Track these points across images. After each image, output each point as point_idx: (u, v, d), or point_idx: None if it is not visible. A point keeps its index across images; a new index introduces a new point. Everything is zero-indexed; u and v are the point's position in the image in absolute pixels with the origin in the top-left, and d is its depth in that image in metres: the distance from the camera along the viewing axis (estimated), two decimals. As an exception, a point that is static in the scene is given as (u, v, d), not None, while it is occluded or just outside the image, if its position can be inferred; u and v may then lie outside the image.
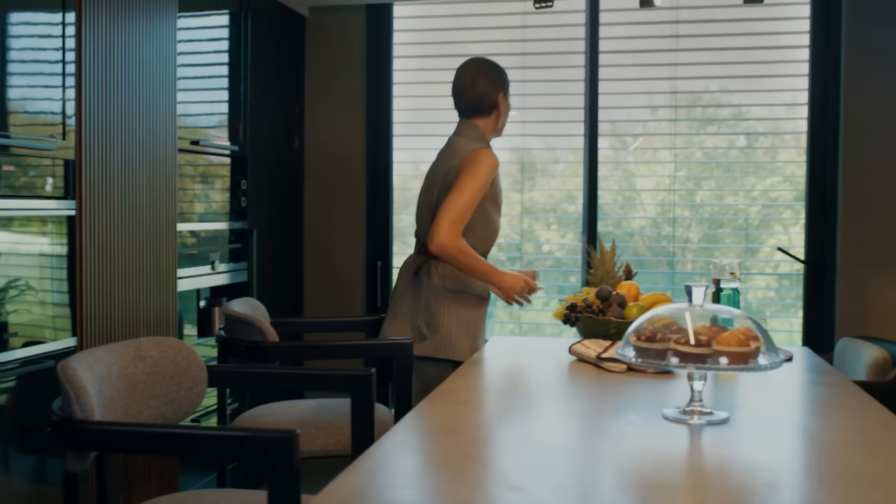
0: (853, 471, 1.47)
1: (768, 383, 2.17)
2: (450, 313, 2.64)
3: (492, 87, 2.74)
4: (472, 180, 2.53)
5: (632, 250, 4.35)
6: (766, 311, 4.28)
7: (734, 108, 4.27)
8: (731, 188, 4.25)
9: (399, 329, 2.69)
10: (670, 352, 1.66)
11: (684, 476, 1.45)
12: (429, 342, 2.64)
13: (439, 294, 2.66)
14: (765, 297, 4.32)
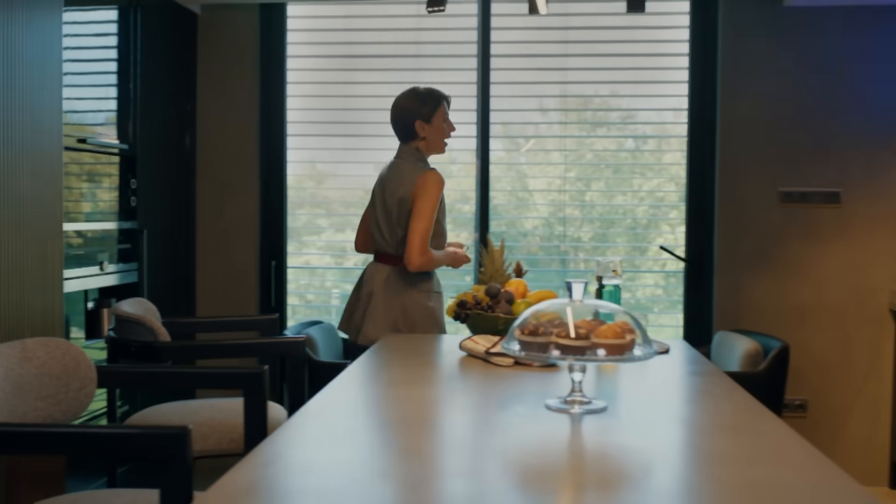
0: (722, 452, 1.58)
1: (646, 374, 2.29)
2: (420, 309, 3.08)
3: (409, 116, 3.15)
4: (427, 203, 3.04)
5: (525, 249, 4.47)
6: (654, 307, 4.47)
7: (623, 111, 4.44)
8: (619, 189, 4.42)
9: (381, 330, 3.07)
10: (552, 345, 1.74)
11: (565, 461, 1.54)
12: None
13: (410, 295, 3.09)
14: (653, 294, 4.51)
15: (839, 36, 4.14)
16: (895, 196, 4.17)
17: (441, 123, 3.18)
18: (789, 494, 1.32)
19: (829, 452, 4.20)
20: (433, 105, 3.16)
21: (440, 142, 3.20)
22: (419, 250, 2.99)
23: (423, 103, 3.15)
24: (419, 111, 3.15)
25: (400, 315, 3.10)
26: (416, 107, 3.15)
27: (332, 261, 4.61)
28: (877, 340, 4.20)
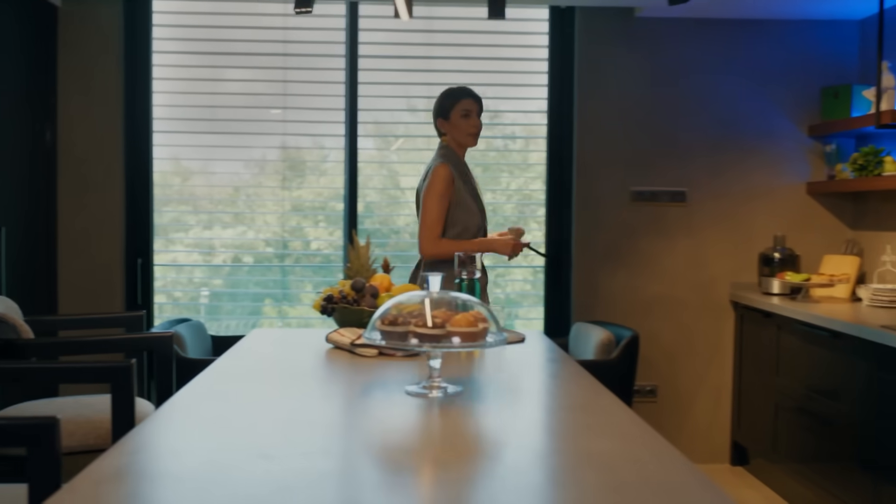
0: (566, 428, 1.74)
1: (503, 361, 2.44)
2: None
3: (434, 114, 3.41)
4: (431, 194, 3.28)
5: (399, 246, 4.59)
6: (523, 301, 4.66)
7: (491, 112, 4.61)
8: (489, 186, 4.60)
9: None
10: (410, 334, 1.87)
11: (422, 440, 1.66)
12: None
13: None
14: (522, 289, 4.71)
15: (686, 46, 4.44)
16: (735, 195, 4.50)
17: (458, 119, 3.35)
18: (622, 462, 1.49)
19: (677, 433, 4.51)
20: (451, 101, 3.36)
21: (462, 136, 3.36)
22: (427, 239, 3.25)
23: (443, 101, 3.38)
24: (440, 108, 3.39)
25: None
26: (437, 105, 3.40)
27: (201, 258, 4.60)
28: (719, 329, 4.53)
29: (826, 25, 4.45)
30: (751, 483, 4.31)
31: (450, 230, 3.33)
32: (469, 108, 3.35)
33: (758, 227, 4.49)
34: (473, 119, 3.36)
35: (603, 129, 4.46)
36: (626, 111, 4.47)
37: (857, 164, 4.07)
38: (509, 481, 1.41)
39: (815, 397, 3.66)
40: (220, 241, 4.58)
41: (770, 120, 4.48)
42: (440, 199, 3.28)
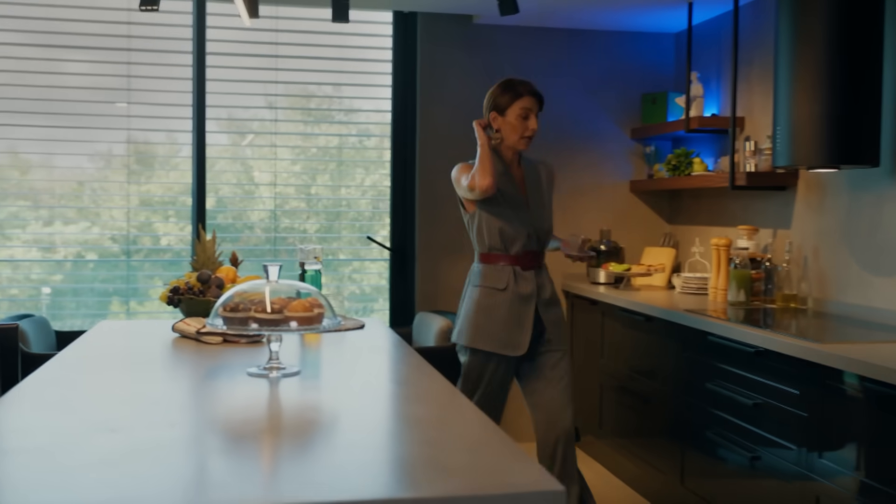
0: (391, 398, 1.94)
1: (342, 346, 2.62)
2: (464, 306, 3.18)
3: (487, 107, 3.16)
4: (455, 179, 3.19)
5: (251, 241, 4.67)
6: (377, 294, 4.84)
7: (346, 109, 4.76)
8: (344, 182, 4.76)
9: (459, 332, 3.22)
10: (251, 319, 2.02)
11: (263, 416, 1.81)
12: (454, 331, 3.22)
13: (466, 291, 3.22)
14: (377, 281, 4.88)
15: (520, 52, 4.74)
16: (565, 192, 4.83)
17: (515, 119, 3.07)
18: (435, 424, 1.70)
19: (516, 414, 4.81)
20: (510, 98, 3.07)
21: (513, 136, 3.09)
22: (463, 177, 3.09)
23: (501, 94, 3.10)
24: (495, 103, 3.11)
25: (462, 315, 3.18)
26: (493, 98, 3.12)
27: (40, 254, 4.54)
28: (552, 317, 4.85)
29: (646, 37, 4.85)
30: (582, 459, 4.64)
31: (480, 242, 3.15)
32: (530, 109, 3.06)
33: (586, 221, 4.85)
34: (532, 121, 3.07)
35: (444, 129, 4.70)
36: (466, 112, 4.71)
37: (671, 164, 4.48)
38: (340, 442, 1.59)
39: (634, 377, 4.03)
40: (62, 237, 4.54)
41: (596, 123, 4.85)
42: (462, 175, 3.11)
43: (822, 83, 3.07)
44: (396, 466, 1.47)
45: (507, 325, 3.05)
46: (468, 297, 3.15)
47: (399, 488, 1.32)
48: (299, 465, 1.44)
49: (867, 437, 2.51)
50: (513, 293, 3.05)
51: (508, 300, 3.05)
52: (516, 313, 3.05)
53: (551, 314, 3.14)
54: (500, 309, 3.05)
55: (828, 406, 2.67)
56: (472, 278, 3.19)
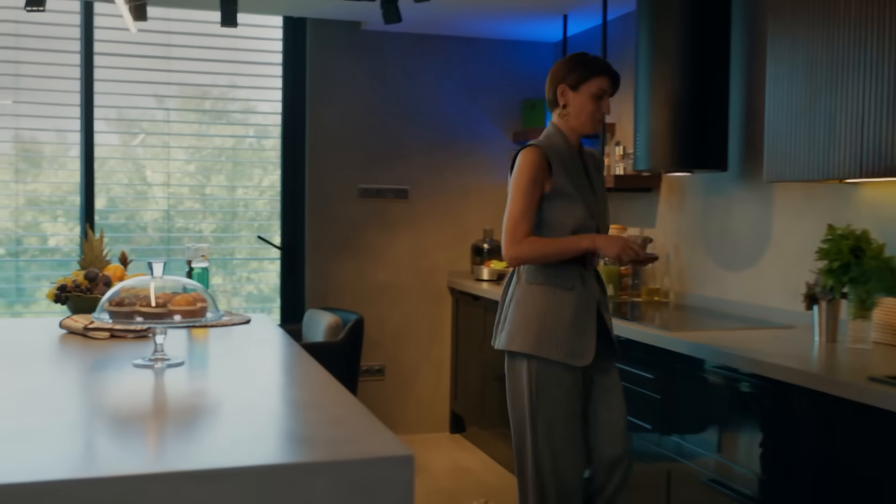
0: (272, 386, 2.09)
1: (228, 340, 2.75)
2: (517, 307, 2.69)
3: (551, 82, 2.75)
4: (516, 185, 2.64)
5: (143, 241, 4.71)
6: (276, 294, 4.95)
7: (239, 111, 4.85)
8: (240, 182, 4.85)
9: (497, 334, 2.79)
10: (136, 313, 2.14)
11: (149, 401, 1.94)
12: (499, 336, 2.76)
13: (518, 290, 2.72)
14: (277, 280, 4.97)
15: (408, 58, 4.93)
16: (451, 193, 5.05)
17: (587, 98, 2.68)
18: (308, 405, 1.86)
19: (403, 407, 5.01)
20: (585, 73, 2.69)
21: (584, 117, 2.70)
22: (508, 244, 2.63)
23: (575, 68, 2.70)
24: (567, 74, 2.71)
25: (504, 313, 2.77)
26: (564, 70, 2.72)
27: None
28: (438, 312, 5.07)
29: (526, 46, 5.11)
30: (467, 448, 4.87)
31: (544, 232, 2.69)
32: (605, 90, 2.70)
33: (470, 221, 5.07)
34: (606, 104, 2.71)
35: (333, 132, 4.85)
36: (354, 116, 4.88)
37: (549, 167, 4.74)
38: (221, 421, 1.74)
39: (512, 367, 4.26)
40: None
41: (481, 126, 5.08)
42: (525, 186, 2.62)
43: (676, 96, 3.36)
44: (270, 440, 1.63)
45: (573, 331, 2.64)
46: (523, 298, 2.68)
47: (270, 457, 1.48)
48: (181, 440, 1.58)
49: (716, 417, 2.79)
50: (579, 295, 2.66)
51: (574, 302, 2.65)
52: (581, 318, 2.66)
53: (608, 321, 2.78)
54: (566, 311, 2.64)
55: (678, 389, 2.94)
56: (529, 276, 2.69)
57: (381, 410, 4.94)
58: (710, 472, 2.75)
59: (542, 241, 2.63)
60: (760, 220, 3.46)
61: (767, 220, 3.42)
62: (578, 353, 2.63)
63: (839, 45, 2.62)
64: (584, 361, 2.64)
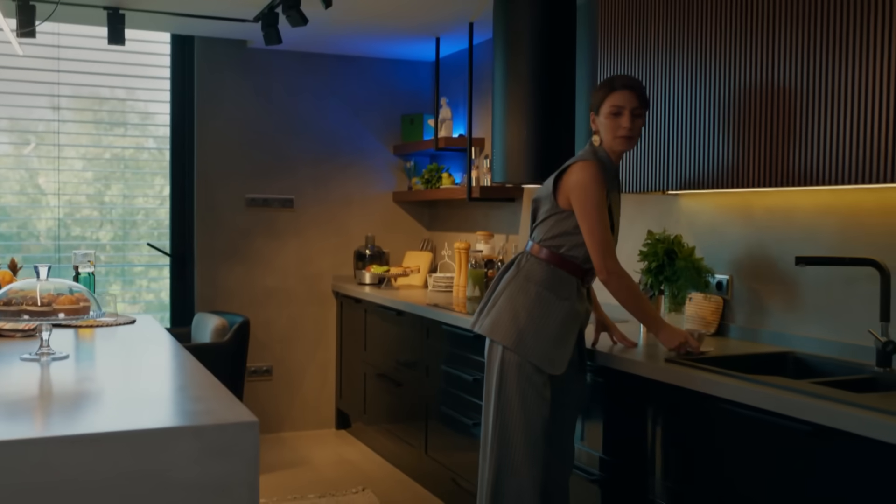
0: (144, 374, 2.36)
1: (113, 338, 2.99)
2: (509, 299, 2.72)
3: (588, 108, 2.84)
4: (590, 199, 2.64)
5: (38, 249, 4.85)
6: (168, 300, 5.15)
7: (137, 121, 5.05)
8: (140, 191, 5.04)
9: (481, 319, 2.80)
10: (23, 312, 2.38)
11: (34, 388, 2.18)
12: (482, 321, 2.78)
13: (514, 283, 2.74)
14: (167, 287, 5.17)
15: (293, 75, 5.21)
16: (335, 202, 5.36)
17: (606, 117, 2.70)
18: (174, 389, 2.14)
19: (290, 405, 5.28)
20: (600, 95, 2.72)
21: (608, 136, 2.71)
22: (604, 251, 2.64)
23: (597, 90, 2.75)
24: (591, 101, 2.78)
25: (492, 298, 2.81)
26: (591, 99, 2.78)
27: None
28: (324, 315, 5.36)
29: (406, 65, 5.46)
30: (351, 442, 5.17)
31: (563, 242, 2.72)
32: (620, 105, 2.67)
33: (353, 228, 5.39)
34: (624, 119, 2.67)
35: (221, 144, 5.09)
36: (242, 129, 5.14)
37: (425, 178, 5.10)
38: (101, 402, 2.01)
39: (391, 365, 4.59)
40: None
41: (363, 140, 5.40)
42: (601, 203, 2.64)
43: (527, 114, 3.75)
44: (141, 412, 1.90)
45: (554, 340, 2.67)
46: (518, 292, 2.72)
47: (139, 424, 1.76)
48: (64, 415, 1.85)
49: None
50: (571, 307, 2.69)
51: (564, 313, 2.68)
52: (566, 329, 2.68)
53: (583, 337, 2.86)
54: (554, 318, 2.67)
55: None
56: (530, 274, 2.73)
57: (269, 408, 5.20)
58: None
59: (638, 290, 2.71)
60: (603, 227, 3.88)
61: (609, 226, 3.85)
62: (553, 362, 2.65)
63: (650, 76, 3.04)
64: (555, 370, 2.66)
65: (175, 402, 2.01)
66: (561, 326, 2.67)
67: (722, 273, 3.17)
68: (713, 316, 3.13)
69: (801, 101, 2.47)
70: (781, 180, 2.53)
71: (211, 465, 1.72)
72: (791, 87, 2.50)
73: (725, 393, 2.31)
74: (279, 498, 4.10)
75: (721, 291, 3.15)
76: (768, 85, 2.58)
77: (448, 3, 4.12)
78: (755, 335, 3.02)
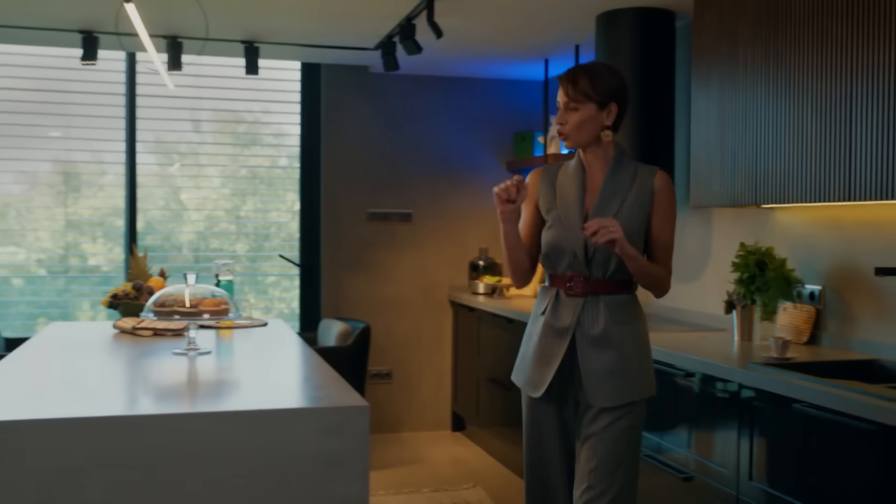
0: (276, 365, 2.71)
1: (249, 338, 3.37)
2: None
3: None
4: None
5: (180, 260, 5.36)
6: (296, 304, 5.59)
7: (275, 131, 5.52)
8: (273, 206, 5.50)
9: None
10: (174, 312, 2.76)
11: (184, 379, 2.56)
12: None
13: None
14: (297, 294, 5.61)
15: (410, 97, 5.56)
16: (450, 216, 5.67)
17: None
18: (296, 379, 2.47)
19: (408, 407, 5.60)
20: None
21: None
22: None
23: None
24: None
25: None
26: None
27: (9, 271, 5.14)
28: (440, 322, 5.67)
29: (516, 84, 5.73)
30: (465, 444, 5.45)
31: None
32: (560, 100, 2.54)
33: (468, 241, 5.68)
34: (559, 113, 2.54)
35: (346, 162, 5.49)
36: (364, 148, 5.52)
37: (535, 192, 5.34)
38: (237, 388, 2.36)
39: (503, 370, 4.85)
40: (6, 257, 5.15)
41: (476, 156, 5.69)
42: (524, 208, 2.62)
43: (627, 132, 3.95)
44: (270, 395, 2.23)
45: (534, 360, 2.55)
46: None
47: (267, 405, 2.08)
48: (206, 396, 2.20)
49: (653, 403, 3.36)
50: (547, 323, 2.52)
51: (541, 330, 2.53)
52: (545, 346, 2.52)
53: (594, 359, 2.46)
54: (534, 338, 2.56)
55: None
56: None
57: (388, 410, 5.55)
58: (645, 448, 3.32)
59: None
60: (703, 239, 4.03)
61: (708, 239, 4.00)
62: (533, 383, 2.55)
63: (738, 95, 3.21)
64: (536, 392, 2.54)
65: (300, 389, 2.34)
66: (541, 345, 2.52)
67: (814, 284, 3.28)
68: (805, 325, 3.25)
69: (879, 117, 2.60)
70: (861, 194, 2.66)
71: (328, 442, 2.03)
72: (870, 103, 2.63)
73: (802, 395, 2.47)
74: (396, 491, 4.42)
75: (814, 301, 3.26)
76: (848, 102, 2.72)
77: (555, 28, 4.37)
78: (846, 344, 3.13)
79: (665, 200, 2.52)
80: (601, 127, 2.51)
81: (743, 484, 2.75)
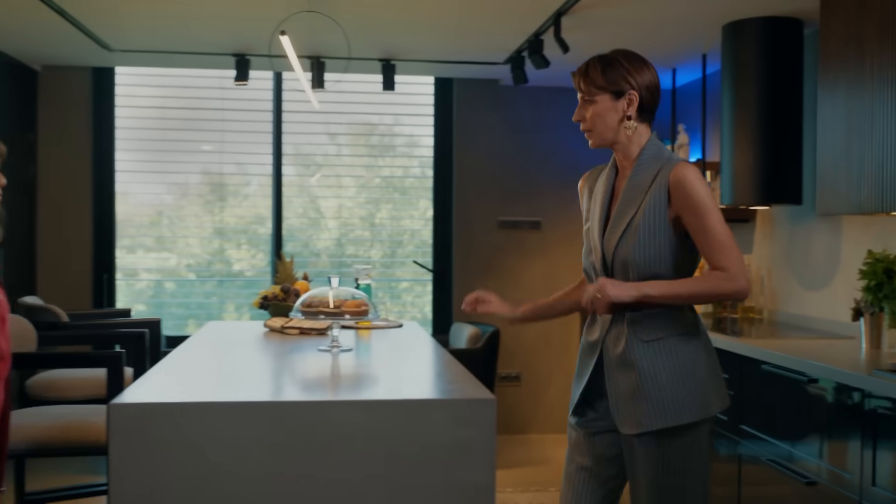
0: (412, 362, 2.93)
1: (385, 338, 3.61)
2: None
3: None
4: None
5: (317, 265, 5.72)
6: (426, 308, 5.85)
7: (408, 142, 5.82)
8: (406, 212, 5.79)
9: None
10: (320, 312, 3.02)
11: (326, 372, 2.81)
12: None
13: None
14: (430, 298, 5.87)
15: (538, 108, 5.73)
16: (579, 223, 5.76)
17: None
18: (429, 374, 2.68)
19: (536, 409, 5.75)
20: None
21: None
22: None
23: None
24: None
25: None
26: None
27: (161, 275, 5.64)
28: (568, 327, 5.80)
29: (646, 93, 5.79)
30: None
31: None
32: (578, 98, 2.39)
33: (596, 247, 5.78)
34: (576, 110, 2.42)
35: (476, 173, 5.70)
36: (494, 157, 5.72)
37: (663, 200, 5.40)
38: (377, 381, 2.59)
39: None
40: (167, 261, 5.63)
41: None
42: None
43: (754, 140, 3.99)
44: (408, 387, 2.44)
45: (576, 378, 2.46)
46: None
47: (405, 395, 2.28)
48: (349, 387, 2.43)
49: (779, 409, 3.40)
50: (584, 339, 2.44)
51: (581, 346, 2.47)
52: (580, 362, 2.44)
53: (619, 380, 2.29)
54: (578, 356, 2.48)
55: (745, 387, 3.57)
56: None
57: (516, 411, 5.71)
58: (771, 454, 3.37)
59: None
60: (832, 247, 4.02)
61: (837, 246, 3.98)
62: (573, 402, 2.47)
63: (865, 101, 3.21)
64: (571, 408, 2.48)
65: (433, 383, 2.54)
66: (579, 363, 2.45)
67: (946, 291, 3.24)
68: (936, 333, 3.22)
69: None
70: None
71: (458, 431, 2.21)
72: None
73: (923, 400, 2.49)
74: (523, 489, 4.58)
75: (946, 309, 3.23)
76: (977, 111, 2.71)
77: (682, 38, 4.44)
78: (979, 352, 3.09)
79: (684, 193, 2.21)
80: (621, 118, 2.32)
81: (866, 490, 2.77)
